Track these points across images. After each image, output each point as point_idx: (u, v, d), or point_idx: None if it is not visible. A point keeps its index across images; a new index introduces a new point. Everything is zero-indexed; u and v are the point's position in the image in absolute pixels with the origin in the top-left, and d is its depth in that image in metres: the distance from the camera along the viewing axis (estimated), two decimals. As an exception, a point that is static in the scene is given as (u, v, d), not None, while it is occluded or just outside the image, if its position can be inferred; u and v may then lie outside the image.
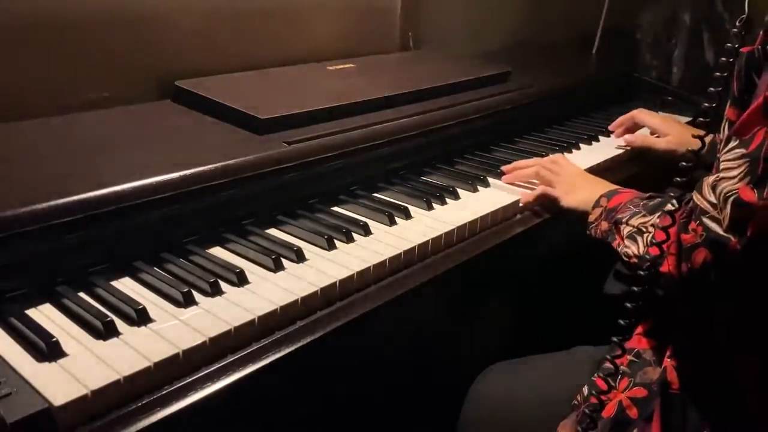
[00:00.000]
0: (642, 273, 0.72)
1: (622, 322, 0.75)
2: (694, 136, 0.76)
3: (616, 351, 0.80)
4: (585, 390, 0.81)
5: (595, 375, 0.81)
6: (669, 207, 0.78)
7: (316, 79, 1.26)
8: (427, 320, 1.02)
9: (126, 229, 0.80)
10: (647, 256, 0.77)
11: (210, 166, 0.87)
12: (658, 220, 0.80)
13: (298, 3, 1.39)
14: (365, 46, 1.53)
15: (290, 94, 1.17)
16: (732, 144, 0.66)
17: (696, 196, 0.71)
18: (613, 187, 1.02)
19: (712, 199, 0.67)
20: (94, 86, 1.09)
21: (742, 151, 0.65)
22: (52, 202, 0.73)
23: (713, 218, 0.67)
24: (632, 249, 0.84)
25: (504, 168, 1.17)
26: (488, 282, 1.12)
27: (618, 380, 0.79)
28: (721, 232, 0.65)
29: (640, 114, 1.39)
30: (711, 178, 0.68)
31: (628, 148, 1.36)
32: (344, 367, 0.88)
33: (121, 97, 1.10)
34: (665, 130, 1.32)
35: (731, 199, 0.64)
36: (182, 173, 0.84)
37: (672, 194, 0.81)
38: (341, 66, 1.34)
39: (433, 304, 0.97)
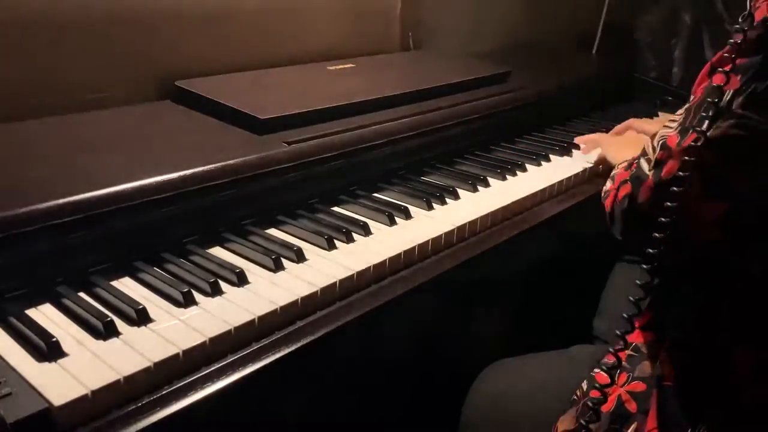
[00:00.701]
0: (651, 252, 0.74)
1: (624, 315, 0.75)
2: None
3: (619, 344, 0.80)
4: (584, 385, 0.81)
5: (595, 370, 0.81)
6: None
7: (316, 79, 1.26)
8: (428, 320, 1.02)
9: (126, 229, 0.80)
10: (607, 191, 0.83)
11: (210, 166, 0.87)
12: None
13: (298, 3, 1.39)
14: (365, 46, 1.53)
15: (290, 94, 1.17)
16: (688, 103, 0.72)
17: (647, 140, 0.76)
18: None
19: (656, 144, 0.73)
20: (94, 86, 1.09)
21: (687, 105, 0.71)
22: (52, 202, 0.73)
23: (647, 159, 0.72)
24: (607, 185, 0.87)
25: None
26: (488, 281, 1.12)
27: (617, 375, 0.79)
28: (646, 171, 0.72)
29: (635, 123, 1.39)
30: (663, 129, 0.74)
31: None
32: (344, 367, 0.88)
33: (121, 97, 1.10)
34: None
35: (661, 142, 0.71)
36: (182, 173, 0.84)
37: None
38: (341, 66, 1.34)
39: (434, 303, 0.97)
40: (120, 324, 0.69)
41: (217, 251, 0.87)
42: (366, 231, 0.93)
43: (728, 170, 0.67)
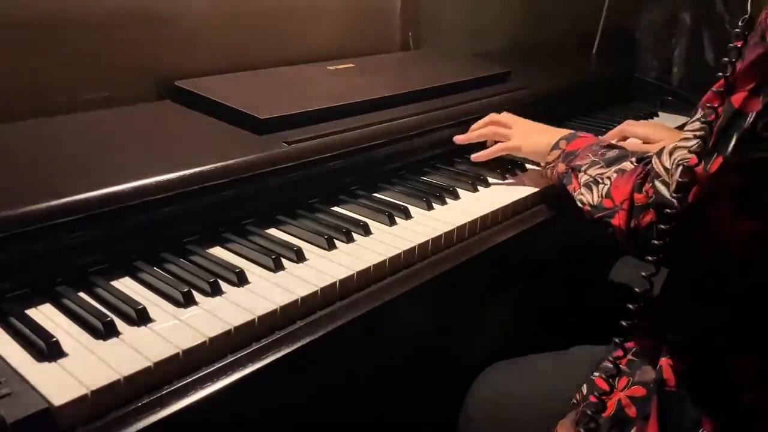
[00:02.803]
0: (644, 275, 0.73)
1: (624, 323, 0.75)
2: (696, 136, 0.76)
3: (618, 352, 0.80)
4: (584, 389, 0.81)
5: (595, 374, 0.81)
6: (628, 165, 0.84)
7: (316, 79, 1.26)
8: (427, 320, 1.02)
9: (126, 229, 0.80)
10: (600, 206, 0.84)
11: (210, 166, 0.87)
12: (614, 175, 0.85)
13: (298, 3, 1.39)
14: (365, 46, 1.53)
15: (290, 94, 1.17)
16: (696, 115, 0.69)
17: (654, 160, 0.75)
18: (572, 131, 1.07)
19: (667, 164, 0.71)
20: (94, 86, 1.09)
21: (698, 119, 0.69)
22: (52, 202, 0.73)
23: (664, 182, 0.71)
24: (587, 197, 0.89)
25: (457, 138, 1.19)
26: (488, 282, 1.12)
27: (617, 379, 0.79)
28: (668, 195, 0.70)
29: (627, 127, 1.39)
30: (671, 145, 0.72)
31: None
32: (344, 367, 0.88)
33: (121, 97, 1.10)
34: (655, 137, 1.33)
35: (681, 165, 0.69)
36: (182, 173, 0.84)
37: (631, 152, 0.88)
38: (341, 66, 1.34)
39: (433, 304, 0.98)
40: (120, 324, 0.69)
41: (217, 251, 0.87)
42: (366, 231, 0.92)
43: (759, 191, 0.65)
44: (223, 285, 0.77)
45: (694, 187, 0.67)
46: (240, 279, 0.78)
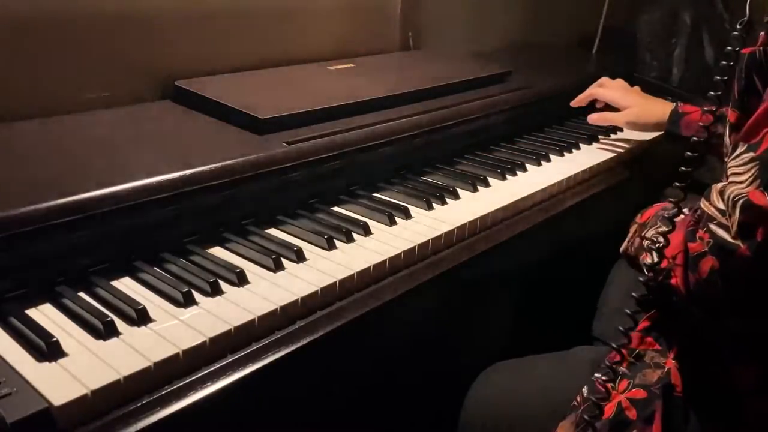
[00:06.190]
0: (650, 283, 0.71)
1: (621, 329, 0.74)
2: (694, 141, 0.76)
3: (615, 356, 0.80)
4: (584, 391, 0.81)
5: (595, 375, 0.81)
6: (680, 217, 0.74)
7: (316, 79, 1.26)
8: (427, 320, 1.02)
9: (126, 229, 0.80)
10: (658, 269, 0.74)
11: (210, 166, 0.87)
12: (668, 229, 0.76)
13: (298, 3, 1.39)
14: (365, 46, 1.53)
15: (290, 94, 1.17)
16: (740, 150, 0.65)
17: (704, 203, 0.69)
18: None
19: (720, 205, 0.65)
20: (94, 86, 1.09)
21: (751, 154, 0.63)
22: (52, 202, 0.73)
23: (721, 225, 0.65)
24: (647, 261, 0.78)
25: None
26: (488, 282, 1.12)
27: (618, 381, 0.79)
28: (729, 239, 0.63)
29: (598, 90, 1.40)
30: (720, 185, 0.67)
31: (628, 147, 1.37)
32: (344, 368, 0.88)
33: (121, 97, 1.10)
34: (624, 103, 1.34)
35: (740, 202, 0.63)
36: (182, 173, 0.84)
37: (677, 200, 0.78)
38: (341, 66, 1.34)
39: (433, 304, 0.97)
40: (120, 324, 0.69)
41: (217, 251, 0.87)
42: (366, 231, 0.92)
43: None
44: (223, 285, 0.77)
45: (762, 225, 0.61)
46: (240, 279, 0.78)
